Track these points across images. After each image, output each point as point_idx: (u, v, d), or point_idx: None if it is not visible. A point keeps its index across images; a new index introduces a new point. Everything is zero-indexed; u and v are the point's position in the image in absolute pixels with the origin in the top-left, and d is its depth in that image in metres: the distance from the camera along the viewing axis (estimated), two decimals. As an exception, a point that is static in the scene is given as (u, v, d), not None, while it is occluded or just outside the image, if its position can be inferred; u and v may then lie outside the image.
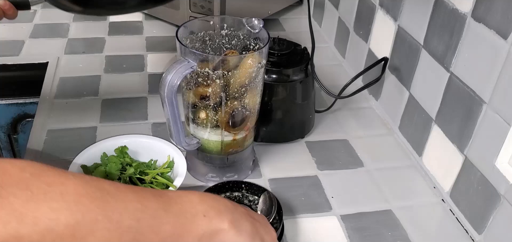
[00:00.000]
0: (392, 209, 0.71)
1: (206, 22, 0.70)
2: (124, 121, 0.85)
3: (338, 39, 1.11)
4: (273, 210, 0.63)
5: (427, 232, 0.68)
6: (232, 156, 0.71)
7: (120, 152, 0.69)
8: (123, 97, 0.91)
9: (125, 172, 0.66)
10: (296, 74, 0.78)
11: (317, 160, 0.79)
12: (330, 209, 0.70)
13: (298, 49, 0.82)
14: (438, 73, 0.73)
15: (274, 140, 0.82)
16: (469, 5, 0.65)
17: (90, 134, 0.81)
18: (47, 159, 0.75)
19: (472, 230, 0.67)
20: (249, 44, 0.71)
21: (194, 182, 0.73)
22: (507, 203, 0.60)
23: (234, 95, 0.64)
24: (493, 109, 0.62)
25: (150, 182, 0.66)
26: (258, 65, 0.64)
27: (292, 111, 0.81)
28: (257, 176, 0.75)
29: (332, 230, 0.67)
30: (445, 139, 0.72)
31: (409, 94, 0.82)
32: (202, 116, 0.66)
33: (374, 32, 0.93)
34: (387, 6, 0.87)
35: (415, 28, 0.79)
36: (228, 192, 0.69)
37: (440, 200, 0.73)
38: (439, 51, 0.72)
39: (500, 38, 0.60)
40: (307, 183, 0.75)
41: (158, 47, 1.09)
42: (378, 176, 0.77)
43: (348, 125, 0.88)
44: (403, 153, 0.82)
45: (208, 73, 0.62)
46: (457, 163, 0.69)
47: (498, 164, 0.61)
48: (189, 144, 0.68)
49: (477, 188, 0.65)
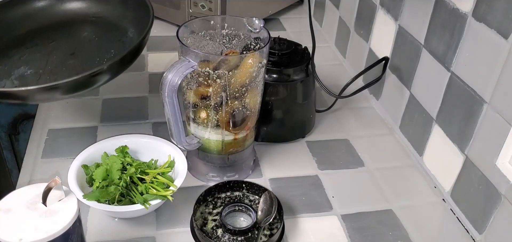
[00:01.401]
0: (393, 209, 0.71)
1: (206, 22, 0.70)
2: (125, 121, 0.85)
3: (338, 38, 1.11)
4: (274, 210, 0.63)
5: (428, 231, 0.68)
6: (232, 155, 0.71)
7: (121, 151, 0.69)
8: (124, 97, 0.91)
9: (125, 172, 0.66)
10: (297, 74, 0.78)
11: (318, 160, 0.79)
12: (331, 208, 0.70)
13: (298, 49, 0.82)
14: (438, 73, 0.73)
15: (275, 139, 0.82)
16: (469, 4, 0.65)
17: (91, 134, 0.81)
18: (47, 158, 0.75)
19: (473, 229, 0.67)
20: (249, 44, 0.71)
21: (194, 181, 0.73)
22: (508, 202, 0.60)
23: (234, 95, 0.64)
24: (494, 109, 0.62)
25: (150, 182, 0.66)
26: (258, 65, 0.64)
27: (292, 111, 0.81)
28: (258, 175, 0.75)
29: (332, 230, 0.67)
30: (446, 138, 0.72)
31: (409, 94, 0.82)
32: (202, 116, 0.66)
33: (374, 32, 0.93)
34: (387, 6, 0.87)
35: (415, 27, 0.79)
36: (229, 192, 0.69)
37: (441, 199, 0.73)
38: (439, 50, 0.72)
39: (501, 38, 0.60)
40: (307, 182, 0.75)
41: (158, 47, 1.09)
42: (378, 175, 0.77)
43: (349, 125, 0.88)
44: (404, 153, 0.82)
45: (208, 73, 0.62)
46: (458, 163, 0.69)
47: (499, 164, 0.61)
48: (189, 144, 0.68)
49: (477, 188, 0.65)
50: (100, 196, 0.62)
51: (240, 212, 0.66)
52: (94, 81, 0.63)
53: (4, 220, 0.47)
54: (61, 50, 0.76)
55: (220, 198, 0.68)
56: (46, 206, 0.48)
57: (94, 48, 0.76)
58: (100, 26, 0.80)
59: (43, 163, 0.74)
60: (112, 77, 0.65)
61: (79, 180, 0.65)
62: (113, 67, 0.64)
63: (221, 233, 0.63)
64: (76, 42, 0.78)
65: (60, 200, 0.49)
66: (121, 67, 0.66)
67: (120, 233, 0.64)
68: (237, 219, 0.66)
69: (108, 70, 0.63)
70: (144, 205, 0.62)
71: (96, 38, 0.78)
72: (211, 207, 0.67)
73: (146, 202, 0.62)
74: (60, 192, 0.50)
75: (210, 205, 0.67)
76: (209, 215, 0.65)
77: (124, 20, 0.78)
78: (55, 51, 0.75)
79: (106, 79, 0.64)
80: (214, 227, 0.64)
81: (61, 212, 0.48)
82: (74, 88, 0.62)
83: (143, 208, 0.62)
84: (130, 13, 0.78)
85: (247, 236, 0.62)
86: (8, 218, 0.47)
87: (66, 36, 0.79)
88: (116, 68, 0.65)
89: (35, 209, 0.48)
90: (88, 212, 0.66)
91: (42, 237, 0.46)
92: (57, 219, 0.47)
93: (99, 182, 0.64)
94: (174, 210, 0.67)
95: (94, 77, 0.62)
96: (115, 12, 0.80)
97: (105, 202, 0.63)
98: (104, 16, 0.80)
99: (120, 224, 0.65)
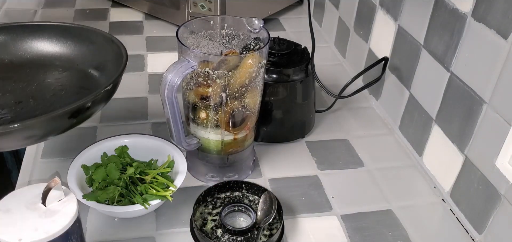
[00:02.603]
0: (393, 209, 0.71)
1: (206, 22, 0.70)
2: (124, 121, 0.85)
3: (338, 39, 1.11)
4: (273, 210, 0.63)
5: (428, 232, 0.68)
6: (232, 155, 0.71)
7: (121, 151, 0.69)
8: (123, 97, 0.91)
9: (125, 172, 0.66)
10: (297, 74, 0.78)
11: (317, 160, 0.79)
12: (331, 209, 0.70)
13: (298, 49, 0.82)
14: (438, 73, 0.73)
15: (274, 139, 0.82)
16: (469, 5, 0.65)
17: (90, 134, 0.81)
18: (47, 159, 0.75)
19: (473, 230, 0.67)
20: (249, 44, 0.71)
21: (194, 182, 0.73)
22: (508, 202, 0.60)
23: (234, 95, 0.64)
24: (494, 109, 0.62)
25: (150, 182, 0.66)
26: (258, 65, 0.64)
27: (292, 111, 0.81)
28: (257, 175, 0.75)
29: (332, 230, 0.67)
30: (446, 138, 0.72)
31: (409, 94, 0.82)
32: (202, 116, 0.66)
33: (374, 32, 0.93)
34: (387, 6, 0.87)
35: (415, 28, 0.79)
36: (228, 192, 0.69)
37: (441, 199, 0.73)
38: (439, 51, 0.72)
39: (500, 38, 0.60)
40: (307, 182, 0.75)
41: (158, 47, 1.09)
42: (378, 175, 0.77)
43: (349, 125, 0.88)
44: (404, 153, 0.82)
45: (208, 73, 0.62)
46: (458, 163, 0.69)
47: (499, 164, 0.61)
48: (189, 144, 0.68)
49: (477, 188, 0.65)
50: (100, 196, 0.62)
51: (239, 212, 0.66)
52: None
53: (4, 220, 0.47)
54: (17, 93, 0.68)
55: (219, 198, 0.68)
56: (46, 206, 0.49)
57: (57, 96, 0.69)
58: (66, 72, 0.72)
59: (42, 163, 0.74)
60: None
61: (79, 180, 0.65)
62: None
63: (221, 233, 0.63)
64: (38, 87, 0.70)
65: (59, 200, 0.49)
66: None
67: (119, 233, 0.64)
68: (237, 219, 0.66)
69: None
70: (144, 205, 0.62)
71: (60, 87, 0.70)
72: (210, 207, 0.67)
73: (145, 202, 0.62)
74: (60, 192, 0.50)
75: (209, 205, 0.67)
76: (208, 215, 0.65)
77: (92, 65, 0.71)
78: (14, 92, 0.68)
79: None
80: (213, 227, 0.64)
81: (61, 212, 0.48)
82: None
83: (142, 208, 0.62)
84: (101, 56, 0.71)
85: (246, 236, 0.62)
86: (8, 218, 0.47)
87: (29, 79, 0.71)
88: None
89: (34, 209, 0.48)
90: (87, 212, 0.66)
91: (42, 237, 0.46)
92: (56, 219, 0.47)
93: (98, 182, 0.64)
94: (173, 210, 0.67)
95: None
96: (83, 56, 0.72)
97: (104, 202, 0.63)
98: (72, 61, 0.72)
99: (120, 224, 0.65)
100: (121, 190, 0.63)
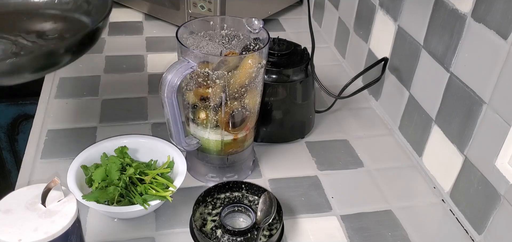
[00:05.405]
0: (392, 209, 0.71)
1: (206, 22, 0.70)
2: (124, 121, 0.85)
3: (338, 39, 1.11)
4: (273, 210, 0.63)
5: (427, 232, 0.68)
6: (232, 156, 0.71)
7: (120, 152, 0.69)
8: (123, 97, 0.91)
9: (125, 172, 0.65)
10: (296, 74, 0.78)
11: (317, 160, 0.79)
12: (330, 209, 0.70)
13: (298, 50, 0.82)
14: (438, 74, 0.73)
15: (274, 140, 0.82)
16: (469, 5, 0.65)
17: (90, 134, 0.81)
18: (47, 159, 0.75)
19: (472, 230, 0.67)
20: (249, 45, 0.71)
21: (194, 182, 0.73)
22: (507, 203, 0.60)
23: (234, 95, 0.64)
24: (493, 109, 0.62)
25: (150, 182, 0.66)
26: (258, 65, 0.64)
27: (292, 112, 0.81)
28: (257, 176, 0.75)
29: (332, 230, 0.67)
30: (445, 139, 0.72)
31: (409, 95, 0.82)
32: (202, 117, 0.66)
33: (374, 33, 0.93)
34: (387, 6, 0.87)
35: (415, 28, 0.79)
36: (228, 192, 0.69)
37: (440, 200, 0.73)
38: (439, 51, 0.72)
39: (500, 39, 0.60)
40: (307, 183, 0.75)
41: (158, 47, 1.09)
42: (378, 176, 0.77)
43: (348, 125, 0.88)
44: (403, 153, 0.82)
45: (208, 73, 0.62)
46: (457, 163, 0.69)
47: (498, 164, 0.61)
48: (189, 144, 0.68)
49: (477, 188, 0.65)
50: (99, 196, 0.62)
51: (239, 213, 0.66)
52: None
53: (4, 220, 0.47)
54: None
55: (219, 199, 0.68)
56: (46, 207, 0.48)
57: None
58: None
59: (42, 163, 0.74)
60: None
61: (79, 180, 0.65)
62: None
63: (221, 234, 0.62)
64: None
65: (59, 201, 0.49)
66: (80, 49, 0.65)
67: (119, 234, 0.64)
68: (237, 219, 0.66)
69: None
70: (144, 205, 0.62)
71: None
72: (210, 207, 0.67)
73: (145, 202, 0.62)
74: (59, 193, 0.50)
75: (209, 206, 0.67)
76: (208, 215, 0.65)
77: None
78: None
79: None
80: (213, 228, 0.64)
81: (61, 213, 0.48)
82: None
83: (142, 208, 0.62)
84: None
85: (246, 236, 0.62)
86: (8, 218, 0.47)
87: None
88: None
89: (34, 209, 0.48)
90: (87, 212, 0.66)
91: (41, 237, 0.46)
92: (56, 220, 0.47)
93: (98, 183, 0.64)
94: (173, 211, 0.67)
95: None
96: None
97: (104, 202, 0.63)
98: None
99: (120, 225, 0.65)
100: (121, 191, 0.63)
